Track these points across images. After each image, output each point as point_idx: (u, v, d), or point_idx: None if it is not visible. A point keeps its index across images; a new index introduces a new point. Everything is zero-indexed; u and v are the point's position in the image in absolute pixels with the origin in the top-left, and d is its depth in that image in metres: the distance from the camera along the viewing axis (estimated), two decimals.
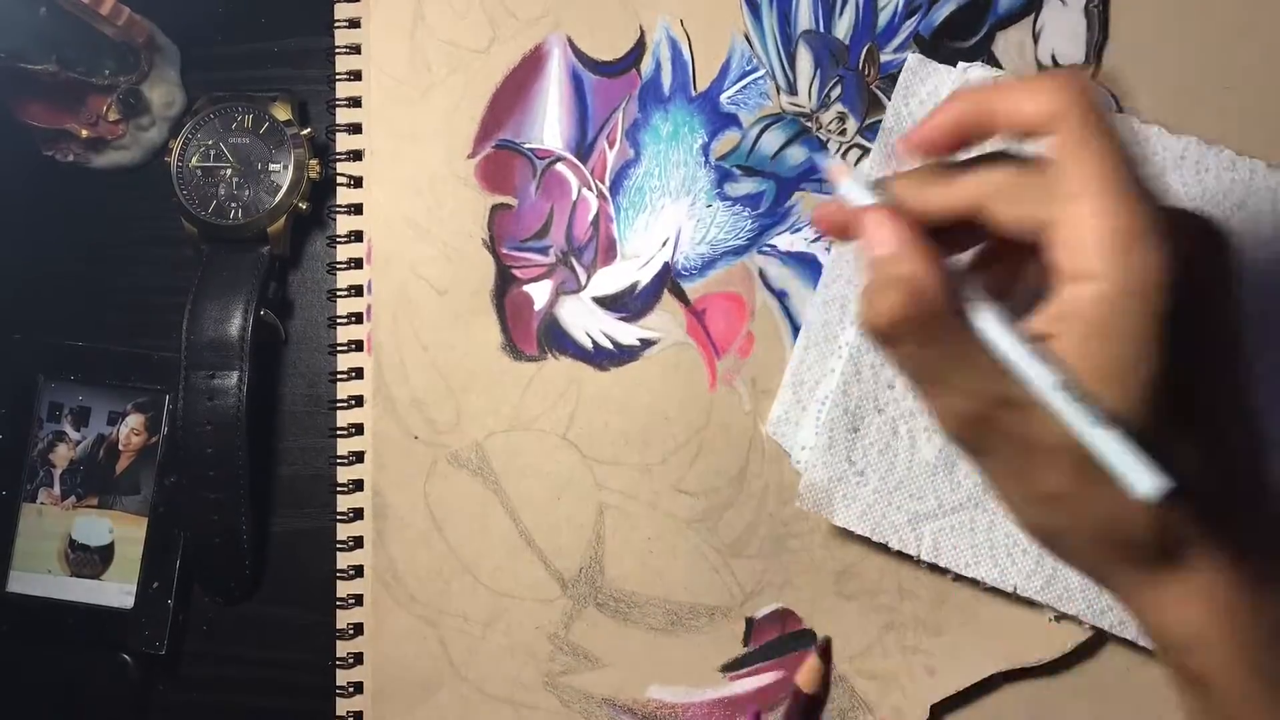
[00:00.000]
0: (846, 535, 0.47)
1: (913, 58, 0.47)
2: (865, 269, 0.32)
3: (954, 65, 0.46)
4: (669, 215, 0.48)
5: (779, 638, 0.47)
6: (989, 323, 0.30)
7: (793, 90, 0.48)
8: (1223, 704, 0.32)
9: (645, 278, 0.48)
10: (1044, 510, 0.32)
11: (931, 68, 0.46)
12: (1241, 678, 0.31)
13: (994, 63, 0.47)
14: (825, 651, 0.34)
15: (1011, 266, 0.33)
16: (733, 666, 0.47)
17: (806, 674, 0.35)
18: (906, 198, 0.32)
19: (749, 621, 0.47)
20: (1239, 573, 0.31)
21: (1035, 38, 0.46)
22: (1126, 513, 0.30)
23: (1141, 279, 0.28)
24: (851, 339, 0.46)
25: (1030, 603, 0.45)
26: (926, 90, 0.46)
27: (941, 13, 0.47)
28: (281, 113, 0.50)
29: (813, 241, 0.48)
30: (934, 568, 0.46)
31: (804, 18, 0.48)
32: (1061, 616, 0.45)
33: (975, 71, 0.46)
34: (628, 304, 0.48)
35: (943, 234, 0.31)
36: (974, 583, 0.46)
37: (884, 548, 0.46)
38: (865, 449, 0.45)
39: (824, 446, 0.45)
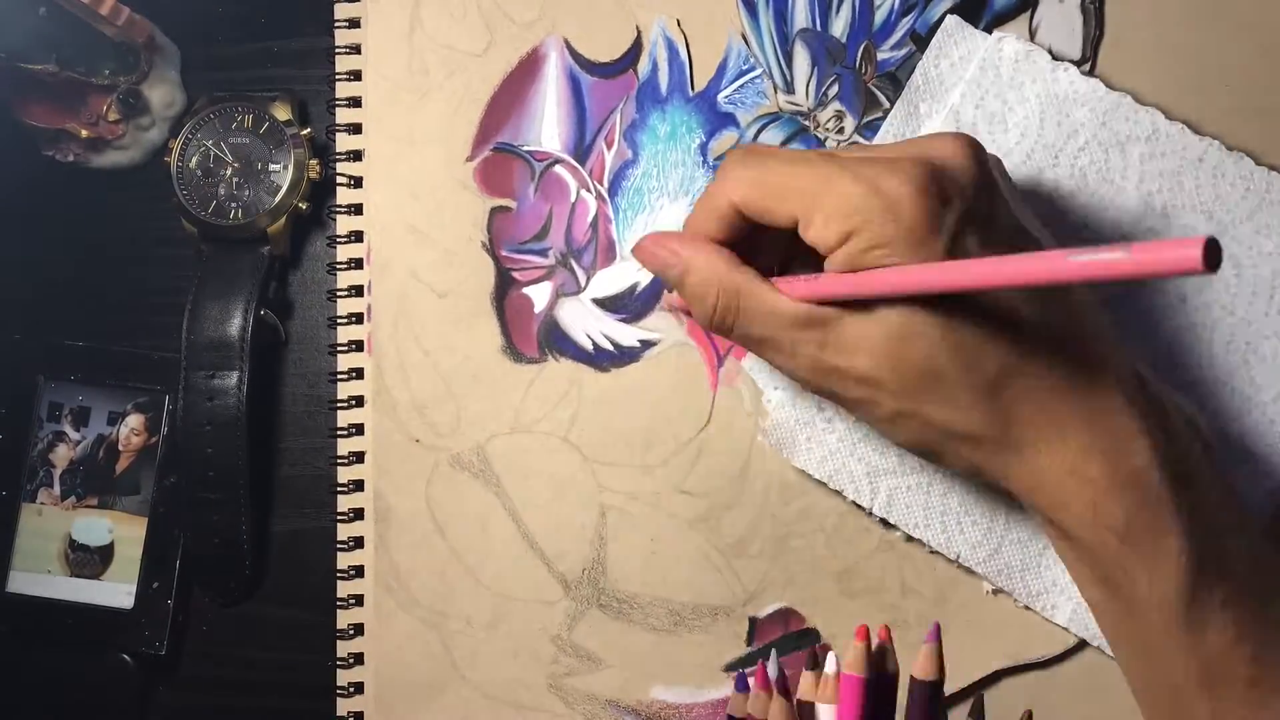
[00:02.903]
0: (849, 533, 0.47)
1: (951, 19, 0.46)
2: (678, 286, 0.40)
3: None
4: (668, 216, 0.48)
5: (782, 637, 0.47)
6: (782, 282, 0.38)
7: (790, 89, 0.48)
8: (1088, 553, 0.37)
9: (645, 279, 0.48)
10: (898, 429, 0.38)
11: (967, 31, 0.46)
12: (1093, 528, 0.36)
13: None
14: (937, 633, 0.35)
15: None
16: (736, 666, 0.47)
17: (924, 661, 0.36)
18: (690, 226, 0.41)
19: (752, 621, 0.47)
20: (1070, 444, 0.36)
21: (1032, 34, 0.46)
22: (958, 416, 0.36)
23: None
24: None
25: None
26: (959, 54, 0.46)
27: (937, 9, 0.47)
28: (281, 113, 0.50)
29: None
30: (936, 567, 0.46)
31: (800, 16, 0.48)
32: (998, 591, 0.46)
33: (1010, 43, 0.45)
34: (628, 305, 0.48)
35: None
36: (975, 580, 0.46)
37: (887, 546, 0.46)
38: None
39: (796, 390, 0.45)
